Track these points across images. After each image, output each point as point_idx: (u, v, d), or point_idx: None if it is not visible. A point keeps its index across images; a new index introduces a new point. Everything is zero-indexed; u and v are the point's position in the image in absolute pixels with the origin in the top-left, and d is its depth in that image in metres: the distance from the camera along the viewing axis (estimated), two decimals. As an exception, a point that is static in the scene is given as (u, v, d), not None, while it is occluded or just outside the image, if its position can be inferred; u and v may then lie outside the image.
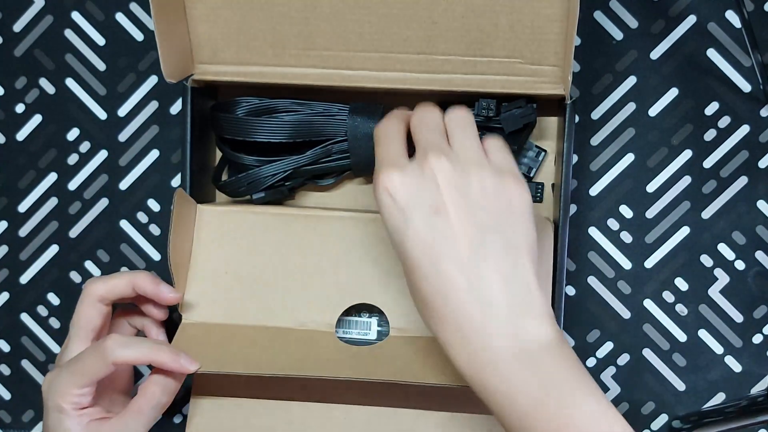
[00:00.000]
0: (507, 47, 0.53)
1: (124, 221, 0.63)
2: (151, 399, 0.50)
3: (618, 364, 0.61)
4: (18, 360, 0.64)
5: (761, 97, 0.59)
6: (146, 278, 0.53)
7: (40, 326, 0.64)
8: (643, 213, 0.60)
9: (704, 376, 0.60)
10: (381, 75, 0.54)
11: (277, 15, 0.53)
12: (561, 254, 0.54)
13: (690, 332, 0.60)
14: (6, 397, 0.65)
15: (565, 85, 0.52)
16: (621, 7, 0.59)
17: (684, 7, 0.59)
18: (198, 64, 0.56)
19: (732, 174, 0.59)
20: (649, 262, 0.60)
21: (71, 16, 0.63)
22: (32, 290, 0.64)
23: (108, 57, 0.63)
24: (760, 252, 0.59)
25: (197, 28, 0.54)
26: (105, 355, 0.48)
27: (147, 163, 0.63)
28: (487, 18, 0.52)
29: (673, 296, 0.60)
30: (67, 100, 0.63)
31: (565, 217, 0.54)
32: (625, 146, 0.60)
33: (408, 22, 0.53)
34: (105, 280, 0.53)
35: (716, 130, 0.59)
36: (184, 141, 0.55)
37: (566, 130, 0.53)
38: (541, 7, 0.51)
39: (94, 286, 0.52)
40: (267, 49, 0.54)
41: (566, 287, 0.60)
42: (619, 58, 0.60)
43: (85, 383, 0.48)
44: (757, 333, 0.60)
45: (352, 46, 0.54)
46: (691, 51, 0.59)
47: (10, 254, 0.64)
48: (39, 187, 0.64)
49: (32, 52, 0.63)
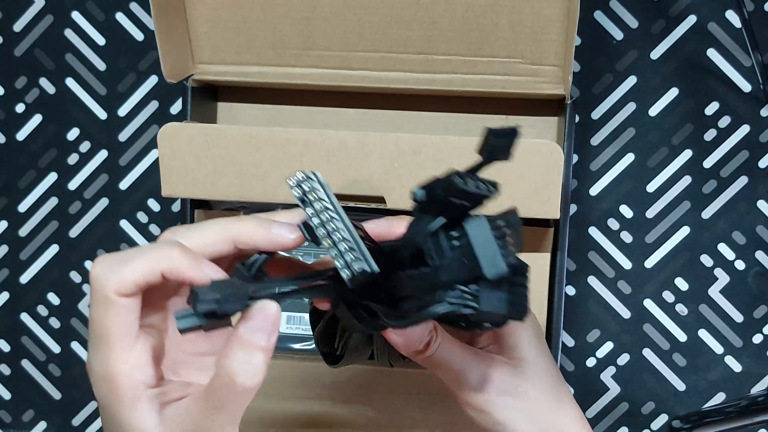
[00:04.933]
0: (507, 47, 0.53)
1: (124, 221, 0.63)
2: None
3: (618, 364, 0.61)
4: (18, 360, 0.64)
5: (761, 97, 0.59)
6: (248, 226, 0.34)
7: (40, 326, 0.64)
8: (644, 213, 0.60)
9: (704, 376, 0.60)
10: (381, 75, 0.54)
11: (277, 15, 0.53)
12: (561, 254, 0.54)
13: (690, 332, 0.60)
14: (6, 397, 0.65)
15: (565, 85, 0.52)
16: (621, 7, 0.59)
17: (684, 7, 0.59)
18: (198, 64, 0.56)
19: (732, 174, 0.59)
20: (650, 262, 0.60)
21: (71, 16, 0.63)
22: (32, 290, 0.64)
23: (108, 57, 0.63)
24: (760, 252, 0.59)
25: (197, 28, 0.54)
26: (104, 293, 0.32)
27: (147, 163, 0.63)
28: (488, 18, 0.52)
29: (673, 296, 0.60)
30: (67, 100, 0.63)
31: (565, 217, 0.54)
32: (626, 146, 0.60)
33: (408, 22, 0.53)
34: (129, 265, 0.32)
35: (716, 130, 0.59)
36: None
37: (566, 130, 0.53)
38: (542, 7, 0.51)
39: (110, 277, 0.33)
40: (267, 49, 0.54)
41: (566, 287, 0.60)
42: (619, 58, 0.60)
43: (124, 345, 0.32)
44: (757, 333, 0.60)
45: (352, 46, 0.54)
46: (691, 51, 0.59)
47: (10, 254, 0.64)
48: (39, 187, 0.64)
49: (32, 52, 0.63)
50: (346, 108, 0.58)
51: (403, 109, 0.58)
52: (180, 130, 0.51)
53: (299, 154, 0.51)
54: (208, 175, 0.51)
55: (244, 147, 0.51)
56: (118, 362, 0.33)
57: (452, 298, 0.30)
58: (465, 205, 0.31)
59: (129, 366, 0.33)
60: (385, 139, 0.50)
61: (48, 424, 0.65)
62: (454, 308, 0.30)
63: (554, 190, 0.50)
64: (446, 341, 0.38)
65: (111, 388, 0.33)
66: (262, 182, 0.51)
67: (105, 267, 0.32)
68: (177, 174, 0.51)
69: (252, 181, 0.51)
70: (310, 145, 0.51)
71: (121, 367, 0.33)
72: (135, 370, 0.33)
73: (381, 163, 0.50)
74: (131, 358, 0.33)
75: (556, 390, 0.40)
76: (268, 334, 0.31)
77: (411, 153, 0.50)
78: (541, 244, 0.54)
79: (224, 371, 0.31)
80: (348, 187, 0.60)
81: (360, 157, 0.51)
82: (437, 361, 0.37)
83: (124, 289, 0.32)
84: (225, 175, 0.51)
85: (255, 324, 0.31)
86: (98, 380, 0.33)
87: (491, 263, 0.29)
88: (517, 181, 0.49)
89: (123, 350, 0.33)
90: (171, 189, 0.52)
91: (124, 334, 0.32)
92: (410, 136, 0.50)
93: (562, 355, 0.61)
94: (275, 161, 0.51)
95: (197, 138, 0.51)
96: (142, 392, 0.33)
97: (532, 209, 0.50)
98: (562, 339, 0.60)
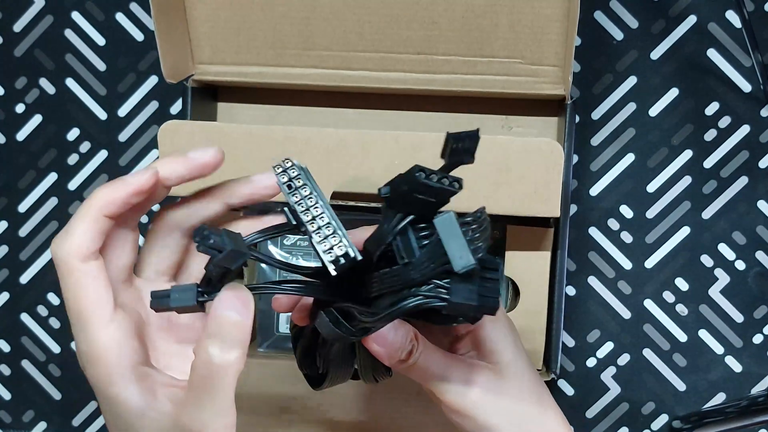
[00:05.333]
0: (507, 47, 0.53)
1: (124, 221, 0.63)
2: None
3: (618, 364, 0.61)
4: (18, 360, 0.64)
5: (761, 97, 0.59)
6: (168, 163, 0.36)
7: (40, 326, 0.64)
8: (644, 213, 0.60)
9: (704, 376, 0.60)
10: (381, 75, 0.54)
11: (277, 15, 0.53)
12: (561, 254, 0.54)
13: (690, 332, 0.60)
14: (6, 397, 0.65)
15: (565, 86, 0.52)
16: (621, 7, 0.59)
17: (684, 7, 0.59)
18: (198, 64, 0.56)
19: (732, 174, 0.59)
20: (650, 262, 0.60)
21: (71, 16, 0.63)
22: (32, 290, 0.64)
23: (108, 57, 0.63)
24: (760, 252, 0.59)
25: (197, 28, 0.54)
26: (65, 265, 0.33)
27: (147, 163, 0.63)
28: (488, 18, 0.52)
29: (673, 296, 0.60)
30: (67, 100, 0.63)
31: (565, 217, 0.54)
32: (626, 146, 0.60)
33: (408, 22, 0.53)
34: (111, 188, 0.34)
35: (716, 130, 0.59)
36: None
37: (566, 130, 0.53)
38: (541, 7, 0.51)
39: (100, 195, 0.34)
40: (267, 49, 0.54)
41: (566, 287, 0.60)
42: (619, 58, 0.60)
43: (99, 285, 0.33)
44: (757, 333, 0.60)
45: (352, 46, 0.54)
46: (691, 51, 0.59)
47: (10, 254, 0.64)
48: (39, 187, 0.64)
49: (32, 52, 0.63)
50: (345, 108, 0.58)
51: (403, 109, 0.58)
52: (181, 127, 0.51)
53: (299, 152, 0.51)
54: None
55: (245, 145, 0.51)
56: (100, 335, 0.33)
57: (423, 293, 0.30)
58: (430, 201, 0.31)
59: (110, 338, 0.33)
60: (385, 137, 0.50)
61: (48, 424, 0.65)
62: (426, 301, 0.30)
63: (554, 189, 0.50)
64: (428, 349, 0.38)
65: (98, 364, 0.33)
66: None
67: (56, 241, 0.33)
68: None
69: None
70: (310, 143, 0.51)
71: (103, 339, 0.33)
72: (118, 343, 0.33)
73: (381, 161, 0.50)
74: (111, 328, 0.33)
75: (538, 392, 0.40)
76: (239, 311, 0.32)
77: (411, 150, 0.50)
78: (541, 245, 0.54)
79: (203, 361, 0.31)
80: (348, 185, 0.59)
81: (360, 155, 0.51)
82: (420, 368, 0.38)
83: (78, 251, 0.33)
84: (225, 173, 0.51)
85: (228, 302, 0.32)
86: (84, 360, 0.34)
87: (460, 258, 0.30)
88: (517, 180, 0.49)
89: (101, 322, 0.33)
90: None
91: (97, 304, 0.33)
92: (410, 133, 0.50)
93: (562, 355, 0.61)
94: (275, 159, 0.51)
95: (198, 135, 0.51)
96: (131, 368, 0.33)
97: (532, 208, 0.50)
98: (562, 339, 0.60)
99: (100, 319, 0.33)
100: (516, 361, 0.39)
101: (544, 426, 0.40)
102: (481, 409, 0.38)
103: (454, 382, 0.38)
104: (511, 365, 0.39)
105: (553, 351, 0.54)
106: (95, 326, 0.33)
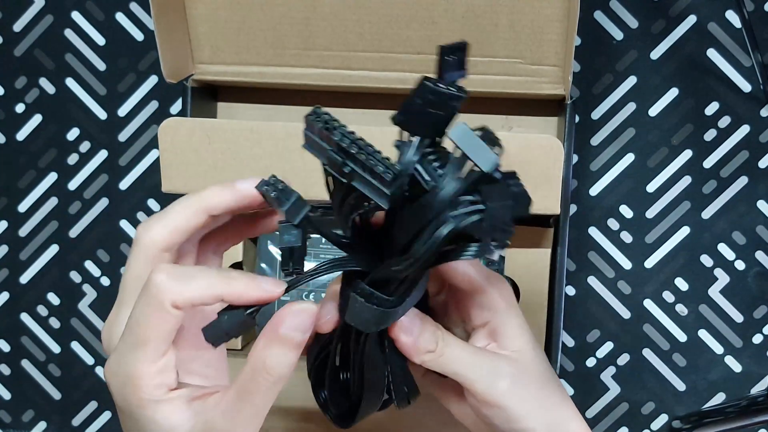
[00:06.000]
0: (507, 47, 0.53)
1: (124, 221, 0.63)
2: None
3: (618, 364, 0.61)
4: (18, 360, 0.64)
5: (761, 97, 0.59)
6: (218, 192, 0.37)
7: (40, 326, 0.64)
8: (643, 213, 0.60)
9: (704, 376, 0.60)
10: (381, 75, 0.54)
11: (277, 15, 0.53)
12: (561, 254, 0.54)
13: (690, 332, 0.60)
14: (6, 397, 0.65)
15: (565, 86, 0.52)
16: (621, 7, 0.59)
17: (684, 7, 0.59)
18: (198, 64, 0.56)
19: (732, 174, 0.59)
20: (649, 262, 0.60)
21: (71, 16, 0.63)
22: (32, 290, 0.64)
23: (108, 57, 0.63)
24: (760, 252, 0.59)
25: (197, 28, 0.54)
26: (160, 300, 0.33)
27: (147, 163, 0.63)
28: (488, 18, 0.52)
29: (673, 296, 0.60)
30: (67, 100, 0.63)
31: (565, 216, 0.54)
32: (626, 146, 0.60)
33: (408, 22, 0.53)
34: (163, 221, 0.36)
35: (716, 130, 0.59)
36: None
37: (566, 130, 0.53)
38: (541, 7, 0.51)
39: (152, 233, 0.36)
40: (267, 49, 0.54)
41: (566, 287, 0.60)
42: (619, 58, 0.60)
43: (158, 350, 0.34)
44: (757, 333, 0.60)
45: (352, 46, 0.54)
46: (691, 51, 0.59)
47: (10, 254, 0.64)
48: (39, 187, 0.64)
49: (32, 52, 0.63)
50: (346, 108, 0.58)
51: (403, 109, 0.58)
52: (181, 124, 0.51)
53: (299, 149, 0.50)
54: (208, 169, 0.51)
55: (245, 142, 0.51)
56: (148, 364, 0.34)
57: (456, 212, 0.30)
58: (440, 115, 0.31)
59: (157, 369, 0.34)
60: (385, 134, 0.50)
61: (48, 424, 0.65)
62: (462, 221, 0.30)
63: (554, 186, 0.50)
64: (452, 340, 0.38)
65: (134, 388, 0.34)
66: (263, 177, 0.51)
67: (169, 276, 0.33)
68: (177, 169, 0.51)
69: (252, 176, 0.51)
70: (309, 145, 0.51)
71: (149, 369, 0.34)
72: (161, 374, 0.34)
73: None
74: (161, 362, 0.34)
75: (555, 378, 0.40)
76: (303, 331, 0.33)
77: (411, 152, 0.50)
78: (541, 244, 0.54)
79: (258, 361, 0.33)
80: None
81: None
82: (448, 359, 0.38)
83: (182, 304, 0.33)
84: (225, 170, 0.51)
85: (293, 322, 0.33)
86: (120, 380, 0.34)
87: (484, 158, 0.30)
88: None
89: (156, 354, 0.34)
90: (171, 184, 0.52)
91: (162, 340, 0.34)
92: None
93: (562, 355, 0.61)
94: (275, 156, 0.51)
95: (198, 132, 0.51)
96: (165, 394, 0.34)
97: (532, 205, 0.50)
98: (562, 339, 0.60)
99: (156, 351, 0.34)
100: (535, 349, 0.39)
101: (567, 411, 0.40)
102: (511, 398, 0.38)
103: (483, 372, 0.38)
104: (531, 353, 0.39)
105: (552, 351, 0.54)
106: (149, 355, 0.34)
